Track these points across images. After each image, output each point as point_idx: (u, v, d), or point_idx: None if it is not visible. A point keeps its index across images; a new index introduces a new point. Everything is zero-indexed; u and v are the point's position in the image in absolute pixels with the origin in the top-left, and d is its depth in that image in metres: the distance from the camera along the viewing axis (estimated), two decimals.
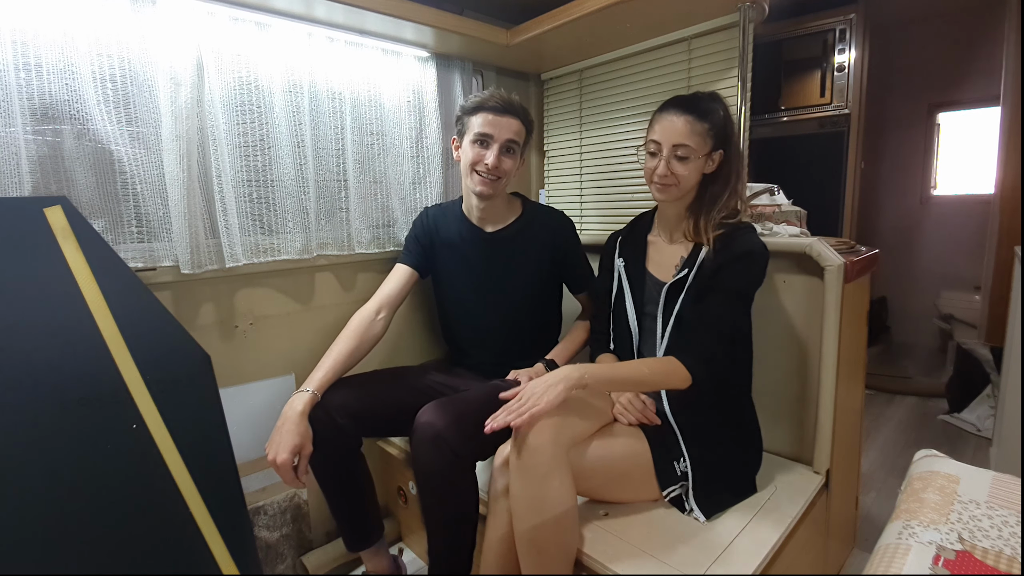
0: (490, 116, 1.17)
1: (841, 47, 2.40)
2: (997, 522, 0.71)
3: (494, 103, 1.18)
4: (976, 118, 3.03)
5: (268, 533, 1.31)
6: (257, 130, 1.23)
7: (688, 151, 1.00)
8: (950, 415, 2.31)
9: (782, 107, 2.60)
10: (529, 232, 1.31)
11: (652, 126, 1.06)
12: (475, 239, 1.30)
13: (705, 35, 1.37)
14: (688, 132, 1.00)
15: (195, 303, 1.17)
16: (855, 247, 1.28)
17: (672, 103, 1.05)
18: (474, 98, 1.21)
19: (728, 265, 0.98)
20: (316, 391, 1.08)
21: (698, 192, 1.07)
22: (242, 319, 1.25)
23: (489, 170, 1.18)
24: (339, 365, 1.14)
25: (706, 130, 1.01)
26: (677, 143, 1.00)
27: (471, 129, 1.20)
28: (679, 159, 1.01)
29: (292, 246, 1.29)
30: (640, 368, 0.97)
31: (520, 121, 1.21)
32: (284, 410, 1.05)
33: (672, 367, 0.95)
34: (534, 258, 1.30)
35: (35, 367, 0.83)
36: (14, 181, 0.92)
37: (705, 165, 1.04)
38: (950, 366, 2.64)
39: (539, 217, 1.33)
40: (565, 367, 0.93)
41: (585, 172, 1.74)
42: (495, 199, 1.25)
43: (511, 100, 1.20)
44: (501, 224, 1.31)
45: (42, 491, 0.80)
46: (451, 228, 1.32)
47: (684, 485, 0.99)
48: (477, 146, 1.19)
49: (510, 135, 1.19)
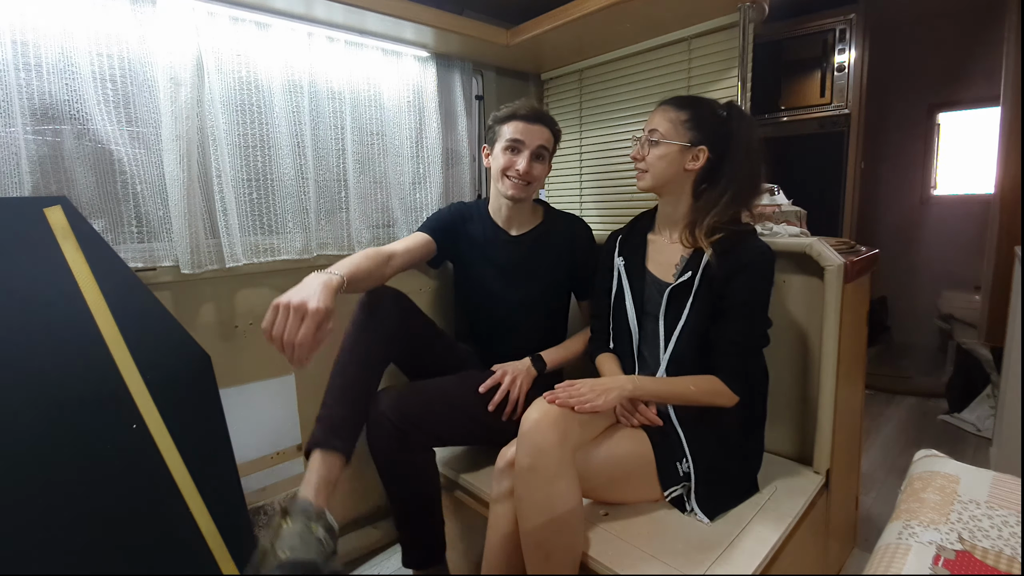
0: (522, 124, 1.23)
1: (841, 47, 2.39)
2: (997, 522, 0.71)
3: (525, 112, 1.24)
4: (976, 118, 3.03)
5: None
6: (257, 130, 1.23)
7: (658, 136, 1.05)
8: (950, 415, 2.31)
9: (782, 107, 2.60)
10: (550, 237, 1.34)
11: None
12: (498, 240, 1.33)
13: (705, 35, 1.37)
14: (664, 119, 1.05)
15: (195, 303, 1.17)
16: (855, 247, 1.28)
17: (666, 99, 1.10)
18: (506, 108, 1.26)
19: (737, 276, 0.98)
20: (345, 277, 0.95)
21: (693, 194, 1.08)
22: (242, 319, 1.25)
23: (520, 175, 1.22)
24: (364, 270, 1.04)
25: (682, 120, 1.04)
26: (651, 127, 1.06)
27: (503, 136, 1.24)
28: (651, 144, 1.06)
29: (292, 246, 1.29)
30: (687, 385, 0.99)
31: (549, 129, 1.27)
32: (308, 278, 0.91)
33: (718, 388, 0.98)
34: (552, 262, 1.33)
35: (35, 367, 0.83)
36: (14, 181, 0.92)
37: (685, 159, 1.04)
38: (950, 366, 2.64)
39: (560, 223, 1.37)
40: (619, 377, 0.98)
41: (585, 172, 1.75)
42: (524, 202, 1.29)
43: (541, 110, 1.27)
44: (525, 228, 1.34)
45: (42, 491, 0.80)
46: (476, 225, 1.35)
47: (686, 486, 0.99)
48: (509, 152, 1.23)
49: (541, 142, 1.24)
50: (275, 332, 0.84)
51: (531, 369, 1.23)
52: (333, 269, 0.97)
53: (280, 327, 0.83)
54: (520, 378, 1.19)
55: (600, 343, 1.22)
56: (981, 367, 2.31)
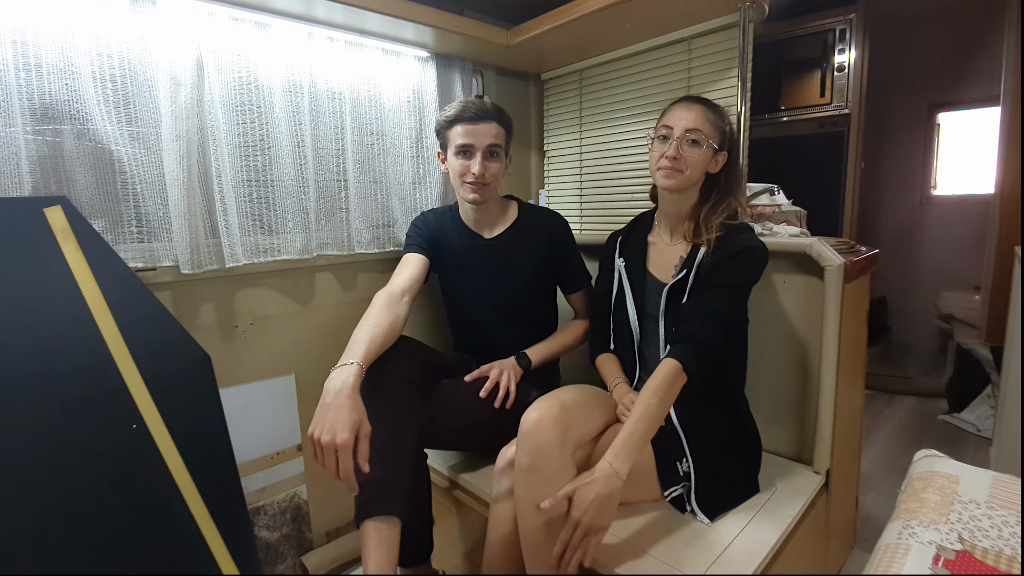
0: (468, 126, 1.18)
1: (841, 47, 2.39)
2: (997, 522, 0.71)
3: (469, 113, 1.19)
4: (976, 118, 3.03)
5: (268, 533, 1.31)
6: (257, 130, 1.23)
7: (700, 136, 1.01)
8: (950, 415, 2.31)
9: (782, 107, 2.60)
10: (526, 235, 1.32)
11: (664, 115, 1.07)
12: (475, 246, 1.31)
13: (705, 35, 1.37)
14: (703, 119, 1.02)
15: (195, 303, 1.17)
16: (855, 247, 1.28)
17: (687, 96, 1.09)
18: (448, 111, 1.21)
19: (724, 262, 0.99)
20: (363, 364, 0.94)
21: (701, 193, 1.08)
22: (242, 319, 1.25)
23: (476, 178, 1.19)
24: (379, 338, 1.01)
25: (716, 123, 1.04)
26: (691, 127, 1.01)
27: (452, 142, 1.21)
28: (691, 144, 1.02)
29: (292, 246, 1.29)
30: (650, 404, 0.89)
31: (497, 123, 1.21)
32: (329, 384, 0.89)
33: (668, 379, 0.91)
34: (532, 261, 1.32)
35: (35, 367, 0.83)
36: (14, 181, 0.92)
37: (711, 162, 1.04)
38: (950, 366, 2.64)
39: (535, 219, 1.34)
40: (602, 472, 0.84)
41: (585, 172, 1.75)
42: (488, 202, 1.27)
43: (484, 105, 1.20)
44: (499, 229, 1.32)
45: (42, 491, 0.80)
46: (452, 234, 1.33)
47: (686, 485, 0.99)
48: (461, 157, 1.21)
49: (490, 140, 1.20)
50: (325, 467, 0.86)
51: (516, 367, 1.22)
52: (349, 356, 0.94)
53: (322, 463, 0.86)
54: (507, 371, 1.19)
55: (600, 344, 1.22)
56: (981, 367, 2.31)
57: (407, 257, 1.27)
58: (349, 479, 0.85)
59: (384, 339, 1.02)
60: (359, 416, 0.86)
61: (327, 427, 0.84)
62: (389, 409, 1.01)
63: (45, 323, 0.86)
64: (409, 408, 1.03)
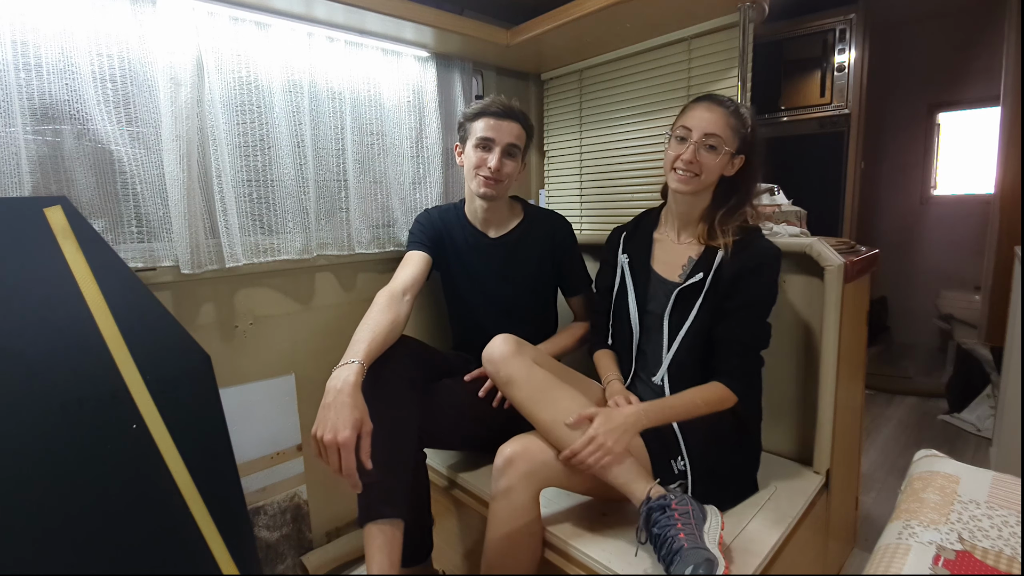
0: (492, 121, 1.20)
1: (841, 47, 2.39)
2: (997, 522, 0.71)
3: (496, 108, 1.20)
4: (976, 118, 3.03)
5: (268, 533, 1.31)
6: (257, 130, 1.23)
7: (719, 141, 1.01)
8: (950, 415, 2.31)
9: (782, 107, 2.60)
10: (530, 237, 1.33)
11: (683, 114, 1.06)
12: (480, 244, 1.31)
13: (705, 35, 1.37)
14: (723, 124, 1.01)
15: (195, 303, 1.17)
16: (855, 247, 1.28)
17: (709, 96, 1.06)
18: (476, 104, 1.23)
19: (746, 276, 0.99)
20: (364, 362, 0.95)
21: (715, 195, 1.08)
22: (242, 319, 1.25)
23: (492, 173, 1.20)
24: (380, 337, 1.01)
25: (736, 127, 1.02)
26: (709, 132, 1.00)
27: (473, 134, 1.22)
28: (709, 148, 1.01)
29: (292, 246, 1.29)
30: (694, 401, 0.99)
31: (521, 125, 1.24)
32: (331, 383, 0.89)
33: (723, 395, 0.99)
34: (535, 263, 1.32)
35: (35, 367, 0.83)
36: (14, 181, 0.92)
37: (727, 166, 1.04)
38: (950, 366, 2.64)
39: (540, 221, 1.35)
40: (628, 409, 0.95)
41: (585, 172, 1.75)
42: (498, 201, 1.27)
43: (511, 105, 1.22)
44: (504, 229, 1.33)
45: (42, 491, 0.80)
46: (457, 232, 1.33)
47: (683, 484, 0.98)
48: (480, 150, 1.21)
49: (511, 139, 1.21)
50: (328, 464, 0.87)
51: None
52: (351, 355, 0.95)
53: (325, 461, 0.87)
54: None
55: (599, 339, 1.22)
56: (981, 367, 2.31)
57: (410, 255, 1.27)
58: (352, 476, 0.86)
59: (385, 338, 1.03)
60: (361, 414, 0.88)
61: (329, 425, 0.85)
62: (390, 410, 1.01)
63: (45, 323, 0.86)
64: (410, 408, 1.04)
